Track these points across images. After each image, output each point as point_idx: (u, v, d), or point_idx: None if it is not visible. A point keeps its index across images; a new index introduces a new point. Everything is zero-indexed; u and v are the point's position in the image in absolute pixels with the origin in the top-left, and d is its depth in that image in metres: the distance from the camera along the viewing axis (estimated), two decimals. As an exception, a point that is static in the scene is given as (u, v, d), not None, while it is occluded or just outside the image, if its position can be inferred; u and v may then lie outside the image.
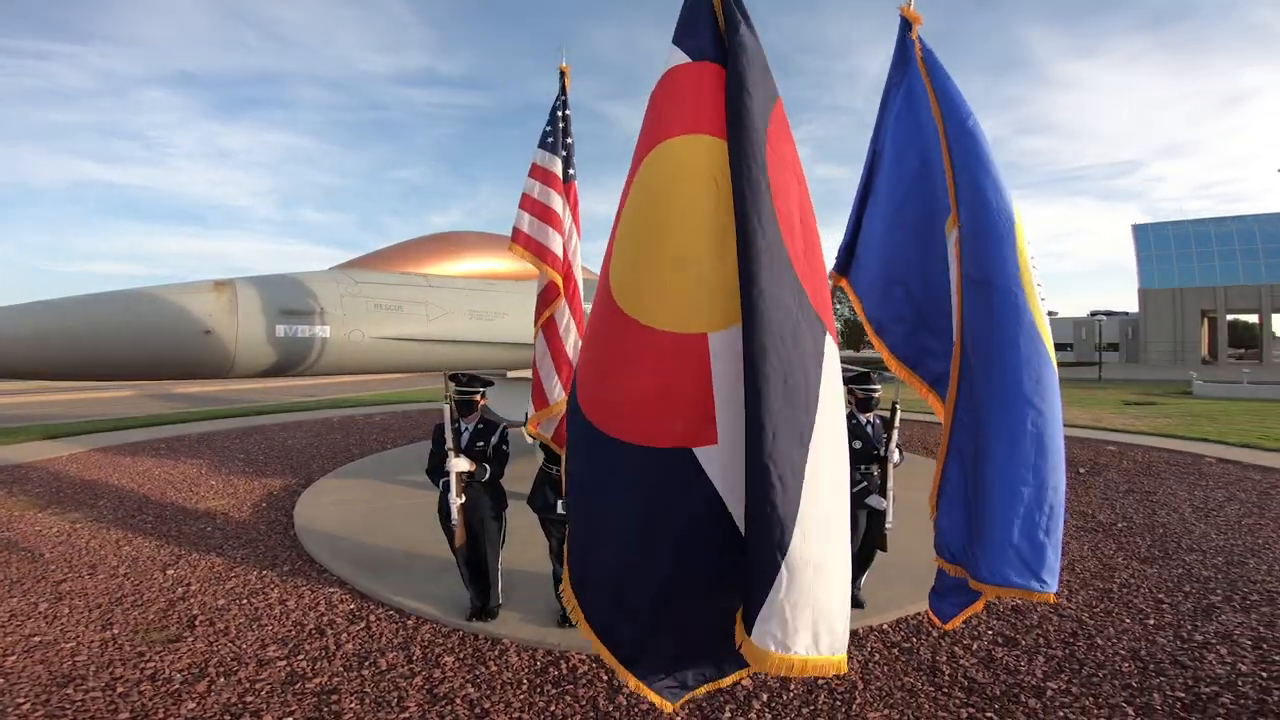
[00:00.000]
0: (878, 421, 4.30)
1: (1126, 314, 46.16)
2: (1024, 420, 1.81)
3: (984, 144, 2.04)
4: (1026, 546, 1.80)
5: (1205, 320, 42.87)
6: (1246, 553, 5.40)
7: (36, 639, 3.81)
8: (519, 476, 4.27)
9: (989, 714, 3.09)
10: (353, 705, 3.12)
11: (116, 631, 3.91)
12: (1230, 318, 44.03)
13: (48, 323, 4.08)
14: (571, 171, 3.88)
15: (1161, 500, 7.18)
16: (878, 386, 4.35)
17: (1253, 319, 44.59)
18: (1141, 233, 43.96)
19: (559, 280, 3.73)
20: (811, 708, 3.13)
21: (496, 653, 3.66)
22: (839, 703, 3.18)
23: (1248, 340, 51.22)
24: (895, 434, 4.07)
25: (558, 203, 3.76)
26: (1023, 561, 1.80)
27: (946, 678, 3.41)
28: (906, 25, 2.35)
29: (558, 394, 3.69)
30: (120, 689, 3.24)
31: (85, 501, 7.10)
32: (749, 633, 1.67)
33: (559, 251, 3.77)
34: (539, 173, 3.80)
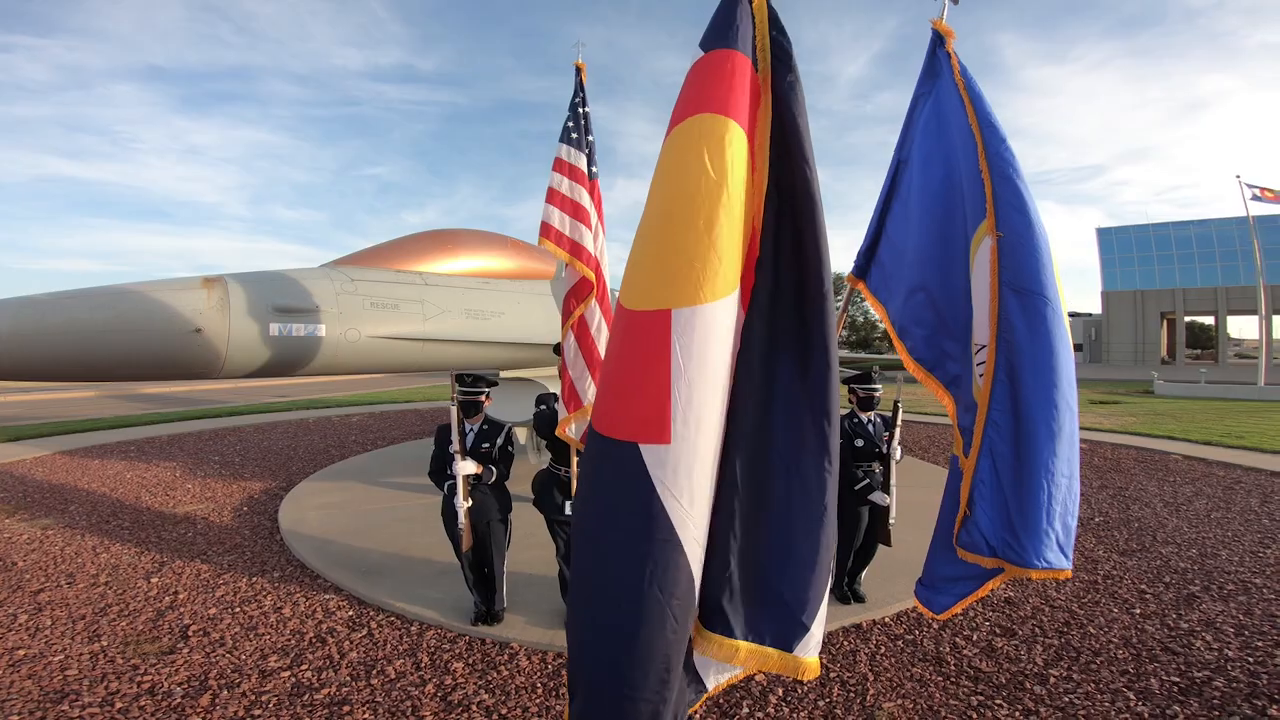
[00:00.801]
0: (878, 420, 4.38)
1: (1090, 315, 47.79)
2: (1063, 421, 1.94)
3: (1016, 158, 2.11)
4: (1061, 530, 1.96)
5: (1165, 322, 44.64)
6: (1218, 545, 5.64)
7: (21, 652, 3.63)
8: (514, 477, 4.21)
9: (998, 701, 3.18)
10: (366, 716, 3.04)
11: (105, 644, 3.75)
12: (1188, 319, 45.94)
13: (25, 321, 3.90)
14: (594, 169, 3.84)
15: (1133, 495, 7.46)
16: (878, 386, 4.43)
17: (1209, 320, 46.56)
18: (1105, 236, 45.57)
19: (592, 276, 3.68)
20: (827, 700, 3.18)
21: (506, 657, 3.62)
22: (853, 694, 3.23)
23: (1204, 341, 53.45)
24: (897, 432, 4.15)
25: (586, 198, 3.72)
26: (1058, 544, 1.96)
27: (952, 667, 3.50)
28: (938, 38, 2.39)
29: (591, 395, 3.62)
30: (118, 704, 3.11)
31: (55, 506, 6.80)
32: (790, 649, 1.65)
33: (591, 248, 3.73)
34: (565, 168, 3.75)
